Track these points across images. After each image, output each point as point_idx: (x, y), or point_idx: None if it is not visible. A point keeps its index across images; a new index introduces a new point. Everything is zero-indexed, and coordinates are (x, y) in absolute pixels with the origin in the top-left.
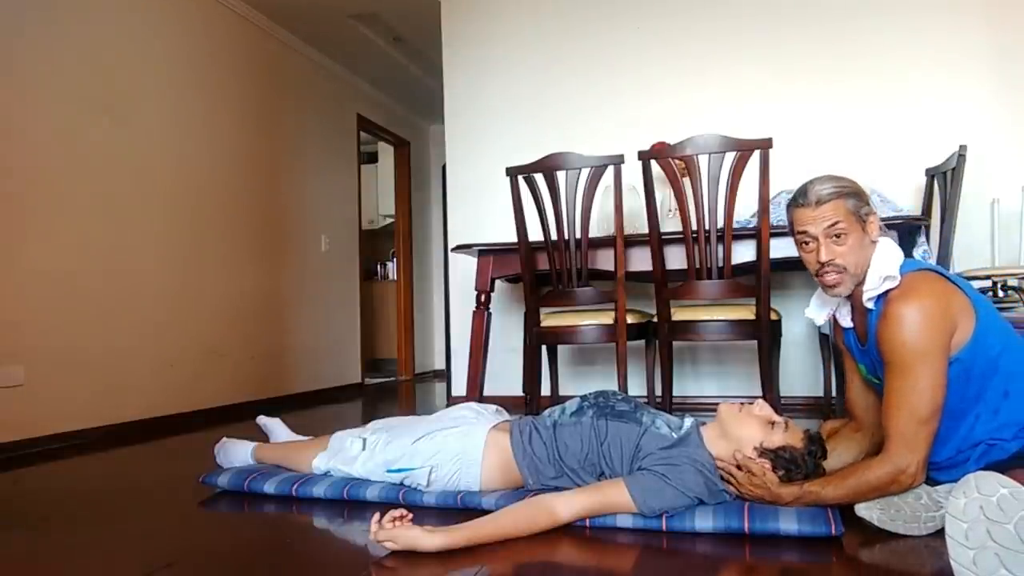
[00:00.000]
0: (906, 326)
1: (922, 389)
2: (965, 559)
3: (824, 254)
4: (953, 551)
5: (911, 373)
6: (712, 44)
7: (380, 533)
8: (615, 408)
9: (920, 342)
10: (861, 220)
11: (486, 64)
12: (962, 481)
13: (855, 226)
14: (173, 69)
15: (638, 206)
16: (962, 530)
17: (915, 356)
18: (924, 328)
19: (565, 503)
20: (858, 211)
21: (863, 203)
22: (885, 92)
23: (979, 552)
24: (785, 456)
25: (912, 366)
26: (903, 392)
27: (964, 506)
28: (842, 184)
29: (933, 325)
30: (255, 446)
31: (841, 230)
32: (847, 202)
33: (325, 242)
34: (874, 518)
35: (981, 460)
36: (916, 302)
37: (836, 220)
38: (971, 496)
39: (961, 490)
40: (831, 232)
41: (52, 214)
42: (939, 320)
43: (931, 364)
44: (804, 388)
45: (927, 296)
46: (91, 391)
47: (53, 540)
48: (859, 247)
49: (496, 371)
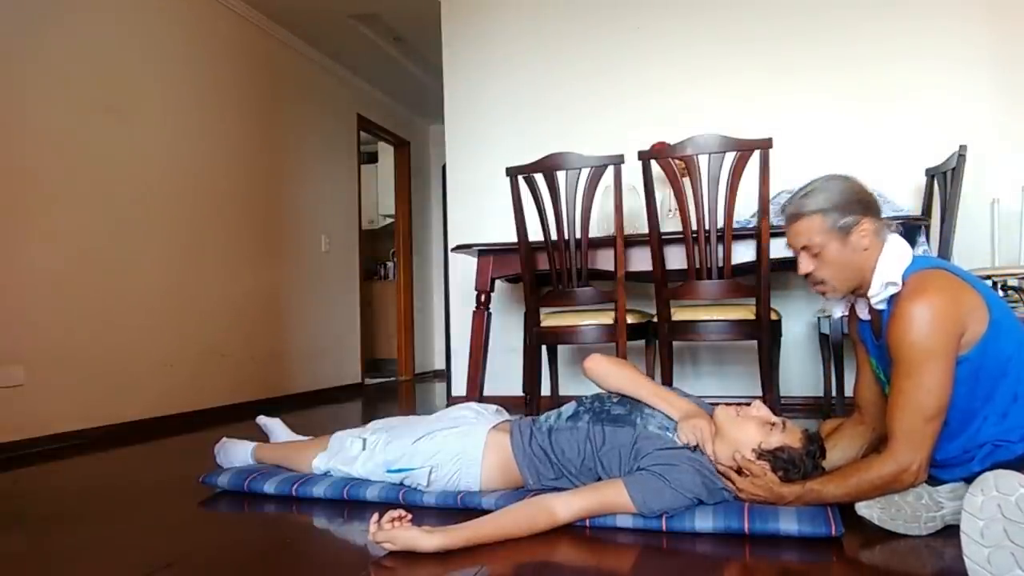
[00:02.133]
0: (914, 325)
1: (928, 388)
2: (979, 557)
3: (801, 268)
4: (967, 548)
5: (917, 372)
6: (712, 44)
7: (379, 534)
8: (611, 412)
9: (927, 341)
10: (841, 233)
11: (486, 64)
12: (980, 478)
13: (831, 241)
14: (173, 69)
15: (638, 206)
16: (978, 527)
17: (922, 355)
18: (932, 328)
19: (565, 503)
20: (835, 225)
21: (845, 214)
22: (885, 92)
23: (994, 551)
24: (783, 457)
25: (919, 365)
26: (909, 391)
27: (981, 504)
28: (825, 196)
29: (941, 325)
30: (255, 446)
31: (815, 246)
32: (825, 218)
33: (325, 242)
34: (874, 517)
35: (986, 460)
36: (924, 301)
37: (808, 238)
38: (989, 494)
39: (979, 487)
40: (806, 250)
41: (52, 214)
42: (948, 320)
43: (938, 364)
44: (804, 388)
45: (936, 295)
46: (91, 391)
47: (53, 540)
48: (838, 260)
49: (496, 371)
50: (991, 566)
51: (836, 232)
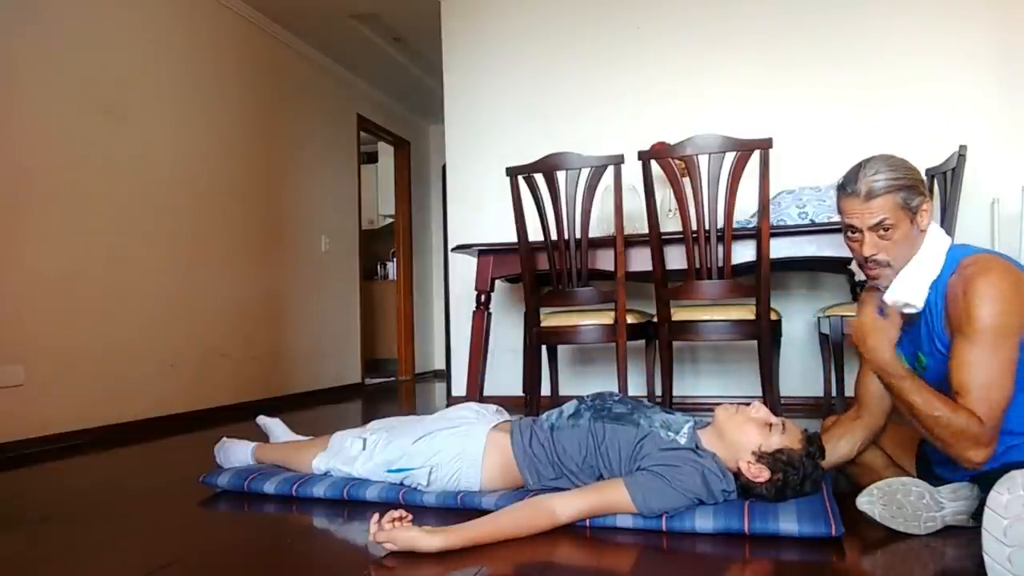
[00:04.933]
0: (990, 300)
1: (1001, 363)
2: (1000, 555)
3: (868, 249)
4: (988, 545)
5: (992, 348)
6: (712, 44)
7: (379, 534)
8: (612, 410)
9: (1003, 318)
10: (911, 212)
11: (486, 64)
12: (1007, 476)
13: (904, 220)
14: (173, 69)
15: (638, 206)
16: (1001, 526)
17: (996, 331)
18: (1009, 304)
19: (565, 503)
20: (908, 204)
21: (916, 194)
22: (885, 92)
23: (1016, 551)
24: (783, 459)
25: (992, 342)
26: (981, 364)
27: (1007, 503)
28: (896, 175)
29: (1015, 303)
30: (255, 446)
31: (888, 225)
32: (898, 196)
33: (325, 242)
34: (875, 514)
35: (997, 460)
36: (998, 278)
37: (884, 217)
38: (1015, 493)
39: (1005, 486)
40: (879, 227)
41: (52, 214)
42: (1017, 298)
43: (1010, 342)
44: (804, 388)
45: (1009, 274)
46: (91, 391)
47: (53, 540)
48: (906, 241)
49: (496, 371)
50: (1011, 565)
51: (908, 211)
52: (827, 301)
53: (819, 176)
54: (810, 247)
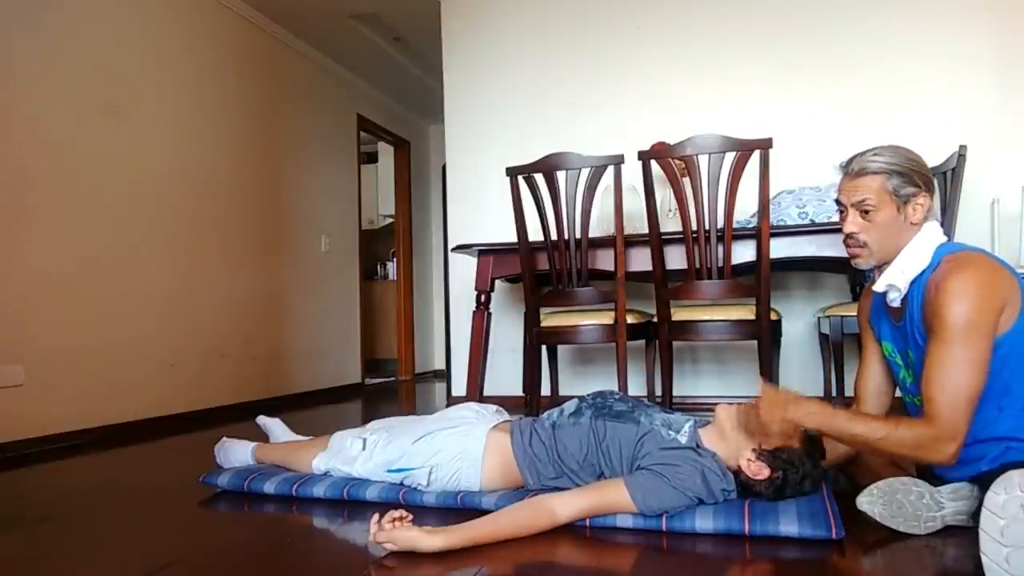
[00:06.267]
0: (961, 297)
1: (970, 361)
2: (997, 555)
3: (848, 226)
4: (985, 545)
5: (961, 344)
6: (712, 44)
7: (380, 534)
8: (613, 408)
9: (973, 314)
10: (899, 200)
11: (486, 64)
12: (1004, 476)
13: (888, 205)
14: (173, 69)
15: (638, 206)
16: (998, 526)
17: (967, 328)
18: (980, 300)
19: (565, 503)
20: (897, 191)
21: (909, 184)
22: (885, 92)
23: (1014, 551)
24: (783, 457)
25: (963, 338)
26: (950, 363)
27: (1004, 503)
28: (892, 160)
29: (988, 299)
30: (255, 446)
31: (869, 206)
32: (889, 180)
33: (325, 242)
34: (876, 514)
35: (995, 461)
36: (972, 274)
37: (866, 196)
38: (1013, 493)
39: (1002, 486)
40: (860, 206)
41: (52, 214)
42: (993, 295)
43: (981, 338)
44: (804, 388)
45: (982, 270)
46: (91, 391)
47: (53, 540)
48: (889, 227)
49: (496, 371)
50: (1009, 565)
51: (894, 197)
52: (827, 301)
53: (819, 176)
54: (810, 247)
